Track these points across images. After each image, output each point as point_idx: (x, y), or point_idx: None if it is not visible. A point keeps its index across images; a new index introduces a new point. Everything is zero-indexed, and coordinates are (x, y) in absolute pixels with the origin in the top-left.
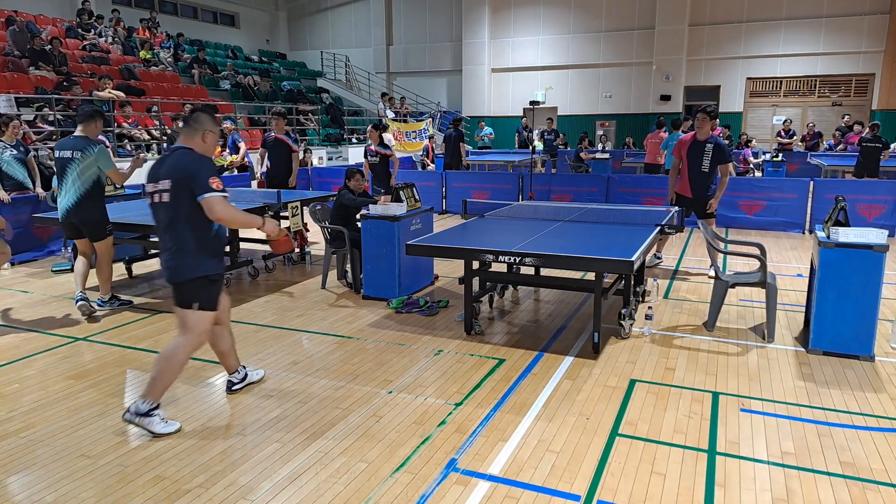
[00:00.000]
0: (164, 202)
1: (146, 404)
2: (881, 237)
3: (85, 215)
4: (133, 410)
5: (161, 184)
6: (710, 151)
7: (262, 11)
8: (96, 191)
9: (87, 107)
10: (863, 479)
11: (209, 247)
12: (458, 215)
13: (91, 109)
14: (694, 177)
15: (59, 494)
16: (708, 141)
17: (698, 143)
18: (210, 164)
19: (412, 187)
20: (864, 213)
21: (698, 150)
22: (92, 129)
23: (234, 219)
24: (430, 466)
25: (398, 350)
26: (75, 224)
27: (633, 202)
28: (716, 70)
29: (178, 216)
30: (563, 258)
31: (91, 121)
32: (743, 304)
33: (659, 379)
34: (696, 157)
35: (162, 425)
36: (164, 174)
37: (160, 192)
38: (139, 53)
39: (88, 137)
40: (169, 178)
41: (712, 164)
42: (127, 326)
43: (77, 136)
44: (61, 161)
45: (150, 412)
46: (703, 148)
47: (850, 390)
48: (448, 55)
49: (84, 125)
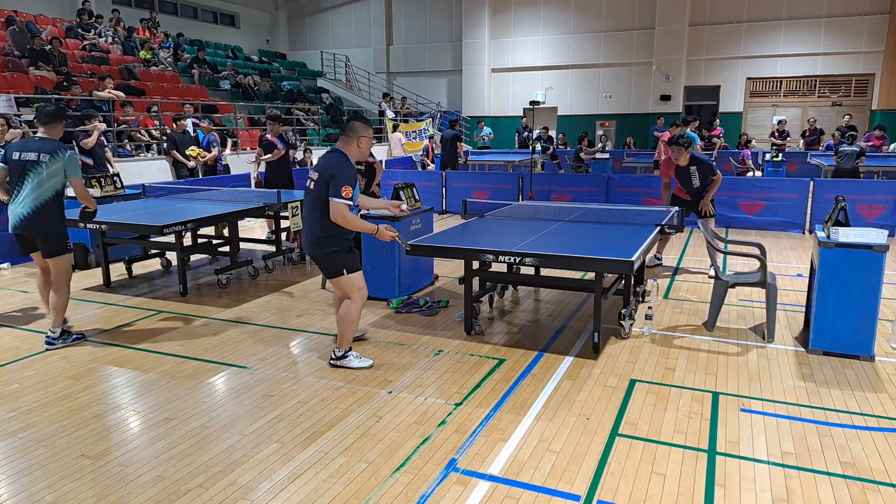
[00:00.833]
0: (310, 189)
1: (340, 351)
2: (881, 237)
3: (43, 227)
4: (332, 357)
5: (313, 174)
6: (695, 172)
7: (262, 11)
8: (58, 200)
9: (50, 106)
10: (863, 479)
11: (335, 230)
12: (458, 215)
13: (54, 109)
14: (689, 191)
15: (58, 494)
16: (690, 164)
17: (682, 168)
18: (351, 172)
19: (412, 187)
20: (864, 213)
21: (684, 172)
22: (56, 130)
23: (349, 224)
24: (430, 466)
25: (398, 350)
26: (28, 237)
27: (633, 202)
28: (716, 70)
29: (317, 203)
30: (563, 258)
31: (55, 121)
32: (743, 304)
33: (659, 379)
34: (685, 178)
35: (357, 361)
36: (317, 167)
37: (311, 180)
38: (139, 53)
39: (55, 140)
40: (318, 171)
41: (702, 180)
42: (127, 326)
43: (43, 138)
44: (22, 164)
45: (345, 355)
46: (689, 171)
47: (850, 390)
48: (448, 55)
49: (47, 126)
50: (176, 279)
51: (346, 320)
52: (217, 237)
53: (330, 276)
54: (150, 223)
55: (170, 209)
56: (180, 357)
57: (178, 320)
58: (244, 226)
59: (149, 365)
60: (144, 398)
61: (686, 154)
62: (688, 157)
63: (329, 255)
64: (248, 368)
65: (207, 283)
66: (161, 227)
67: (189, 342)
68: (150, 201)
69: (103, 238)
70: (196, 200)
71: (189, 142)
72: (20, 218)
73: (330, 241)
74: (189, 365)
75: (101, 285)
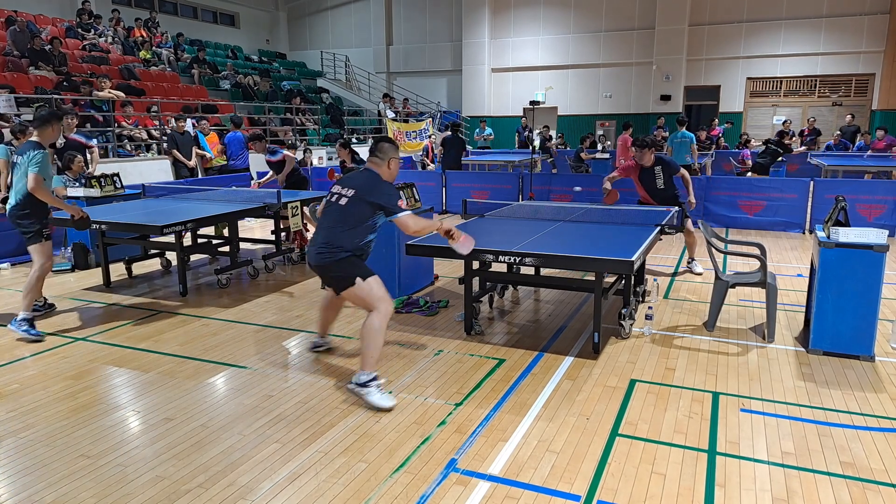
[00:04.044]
0: (340, 204)
1: (366, 375)
2: (881, 237)
3: (21, 217)
4: (354, 381)
5: (345, 190)
6: (660, 172)
7: (262, 11)
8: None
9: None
10: (863, 479)
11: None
12: (458, 215)
13: (47, 113)
14: (654, 194)
15: (59, 494)
16: (654, 165)
17: (647, 169)
18: (393, 188)
19: (412, 187)
20: (864, 213)
21: (649, 173)
22: (47, 133)
23: (422, 230)
24: (430, 466)
25: (398, 350)
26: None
27: (633, 202)
28: (716, 70)
29: (346, 218)
30: (564, 258)
31: (46, 125)
32: (743, 304)
33: (659, 379)
34: (649, 179)
35: (378, 396)
36: (352, 184)
37: (342, 195)
38: (139, 53)
39: (38, 142)
40: (353, 188)
41: (666, 179)
42: (127, 326)
43: (29, 140)
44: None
45: (367, 383)
46: (653, 171)
47: (850, 390)
48: (448, 55)
49: (39, 129)
50: (176, 279)
51: (370, 336)
52: (217, 237)
53: (342, 286)
54: (150, 223)
55: (170, 209)
56: (180, 357)
57: (178, 320)
58: (244, 226)
59: (149, 365)
60: (144, 398)
61: (650, 154)
62: (652, 157)
63: (342, 262)
64: (248, 368)
65: (207, 283)
66: (161, 227)
67: (189, 342)
68: (150, 201)
69: (103, 238)
70: (196, 200)
71: (189, 142)
72: (8, 209)
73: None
74: (189, 365)
75: (101, 285)
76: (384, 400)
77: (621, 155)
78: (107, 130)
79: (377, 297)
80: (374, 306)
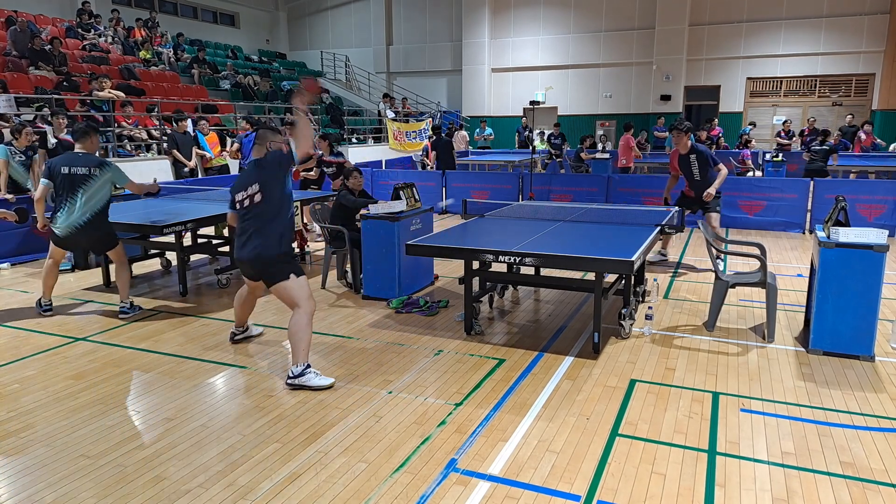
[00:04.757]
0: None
1: (297, 367)
2: (881, 237)
3: (99, 230)
4: (290, 376)
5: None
6: (695, 161)
7: (262, 11)
8: (107, 207)
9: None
10: (863, 479)
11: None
12: (458, 215)
13: (86, 125)
14: (692, 184)
15: (58, 494)
16: (690, 153)
17: (683, 157)
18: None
19: (412, 187)
20: (864, 213)
21: (685, 162)
22: (90, 144)
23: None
24: (430, 466)
25: (398, 350)
26: (81, 240)
27: (633, 202)
28: (716, 70)
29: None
30: (564, 258)
31: (87, 137)
32: (743, 304)
33: (659, 379)
34: (686, 168)
35: (318, 379)
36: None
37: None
38: (139, 53)
39: (96, 155)
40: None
41: (701, 170)
42: (127, 326)
43: (86, 154)
44: (72, 177)
45: (303, 373)
46: (689, 160)
47: (850, 390)
48: (448, 55)
49: (82, 142)
50: (176, 279)
51: (299, 332)
52: (217, 237)
53: (276, 281)
54: (150, 223)
55: (170, 209)
56: (180, 357)
57: (177, 320)
58: None
59: (149, 365)
60: (144, 398)
61: (686, 139)
62: (688, 143)
63: (280, 258)
64: (248, 368)
65: (207, 283)
66: (161, 227)
67: (189, 342)
68: (150, 201)
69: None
70: (196, 200)
71: (189, 142)
72: (76, 226)
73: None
74: (189, 365)
75: (101, 285)
76: (324, 380)
77: (622, 155)
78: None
79: (305, 295)
80: (301, 304)
